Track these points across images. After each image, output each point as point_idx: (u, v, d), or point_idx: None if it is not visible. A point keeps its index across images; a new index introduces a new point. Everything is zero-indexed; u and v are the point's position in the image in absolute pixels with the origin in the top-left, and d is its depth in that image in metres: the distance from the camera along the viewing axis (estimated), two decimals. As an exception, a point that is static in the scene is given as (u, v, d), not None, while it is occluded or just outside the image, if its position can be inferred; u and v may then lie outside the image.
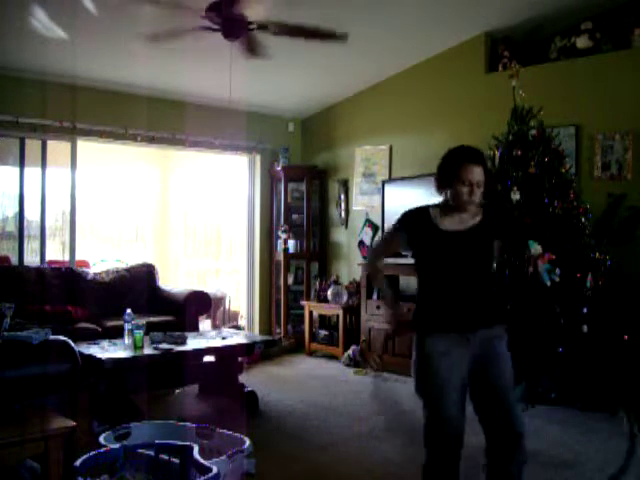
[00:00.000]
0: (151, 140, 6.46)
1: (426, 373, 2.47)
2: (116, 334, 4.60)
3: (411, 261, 2.64)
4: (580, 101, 5.21)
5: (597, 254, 4.52)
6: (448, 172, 2.49)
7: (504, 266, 4.58)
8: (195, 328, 5.55)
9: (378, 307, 5.98)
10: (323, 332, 6.64)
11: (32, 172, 5.85)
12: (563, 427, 4.12)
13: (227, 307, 7.75)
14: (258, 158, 7.31)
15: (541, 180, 4.63)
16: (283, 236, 7.00)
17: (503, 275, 4.56)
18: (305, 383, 5.48)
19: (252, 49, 4.63)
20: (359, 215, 6.84)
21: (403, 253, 2.91)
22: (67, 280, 5.54)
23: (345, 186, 7.08)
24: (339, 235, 7.20)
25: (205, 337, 4.80)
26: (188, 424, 2.79)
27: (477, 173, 2.45)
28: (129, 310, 4.44)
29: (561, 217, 4.57)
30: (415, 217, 2.57)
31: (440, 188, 2.55)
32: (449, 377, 2.43)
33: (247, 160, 7.35)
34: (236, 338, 4.82)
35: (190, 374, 4.67)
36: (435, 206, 2.56)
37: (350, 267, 6.92)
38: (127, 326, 4.36)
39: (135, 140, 6.37)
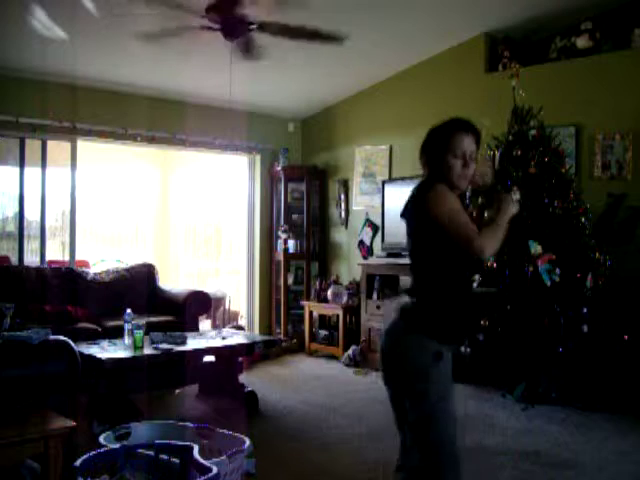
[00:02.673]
0: (151, 140, 6.46)
1: (445, 391, 2.18)
2: (116, 334, 4.60)
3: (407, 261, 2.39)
4: (580, 101, 5.21)
5: (597, 254, 4.52)
6: (438, 143, 2.22)
7: (504, 266, 4.58)
8: (195, 328, 5.55)
9: (378, 307, 5.98)
10: (323, 332, 6.64)
11: (32, 172, 5.85)
12: (563, 427, 4.12)
13: (227, 307, 7.75)
14: (258, 158, 7.31)
15: (541, 180, 4.63)
16: (283, 236, 7.00)
17: (503, 275, 4.57)
18: (305, 383, 5.48)
19: (248, 50, 4.63)
20: (359, 215, 6.84)
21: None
22: (67, 280, 5.54)
23: (345, 186, 7.08)
24: (339, 235, 7.20)
25: (205, 337, 4.80)
26: (188, 424, 2.79)
27: (470, 143, 2.20)
28: (129, 310, 4.44)
29: (561, 217, 4.57)
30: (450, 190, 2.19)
31: (429, 163, 2.25)
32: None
33: (247, 160, 7.35)
34: (236, 338, 4.82)
35: (190, 374, 4.67)
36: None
37: (350, 267, 6.92)
38: (127, 326, 4.36)
39: (135, 140, 6.37)
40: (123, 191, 8.94)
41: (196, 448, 2.19)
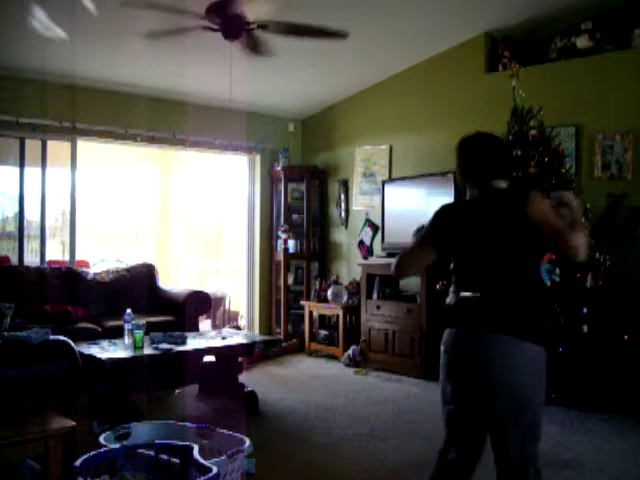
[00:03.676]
0: (151, 140, 6.46)
1: None
2: (116, 334, 4.60)
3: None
4: (580, 101, 5.21)
5: (597, 254, 4.52)
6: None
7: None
8: (195, 328, 5.55)
9: (378, 307, 5.98)
10: (323, 332, 6.64)
11: (32, 172, 5.85)
12: (563, 427, 4.12)
13: (227, 307, 7.75)
14: (258, 158, 7.31)
15: (541, 180, 4.63)
16: (283, 236, 7.00)
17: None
18: (305, 383, 5.48)
19: (254, 47, 4.63)
20: (359, 215, 6.83)
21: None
22: (67, 280, 5.54)
23: (345, 186, 7.08)
24: (339, 235, 7.20)
25: (205, 337, 4.80)
26: (188, 424, 2.79)
27: None
28: (129, 310, 4.44)
29: (561, 217, 4.56)
30: None
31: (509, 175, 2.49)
32: None
33: (247, 160, 7.35)
34: (236, 338, 4.82)
35: (190, 374, 4.67)
36: None
37: (350, 267, 6.92)
38: (127, 326, 4.36)
39: (135, 140, 6.37)
40: (123, 191, 8.94)
41: (196, 448, 2.19)
